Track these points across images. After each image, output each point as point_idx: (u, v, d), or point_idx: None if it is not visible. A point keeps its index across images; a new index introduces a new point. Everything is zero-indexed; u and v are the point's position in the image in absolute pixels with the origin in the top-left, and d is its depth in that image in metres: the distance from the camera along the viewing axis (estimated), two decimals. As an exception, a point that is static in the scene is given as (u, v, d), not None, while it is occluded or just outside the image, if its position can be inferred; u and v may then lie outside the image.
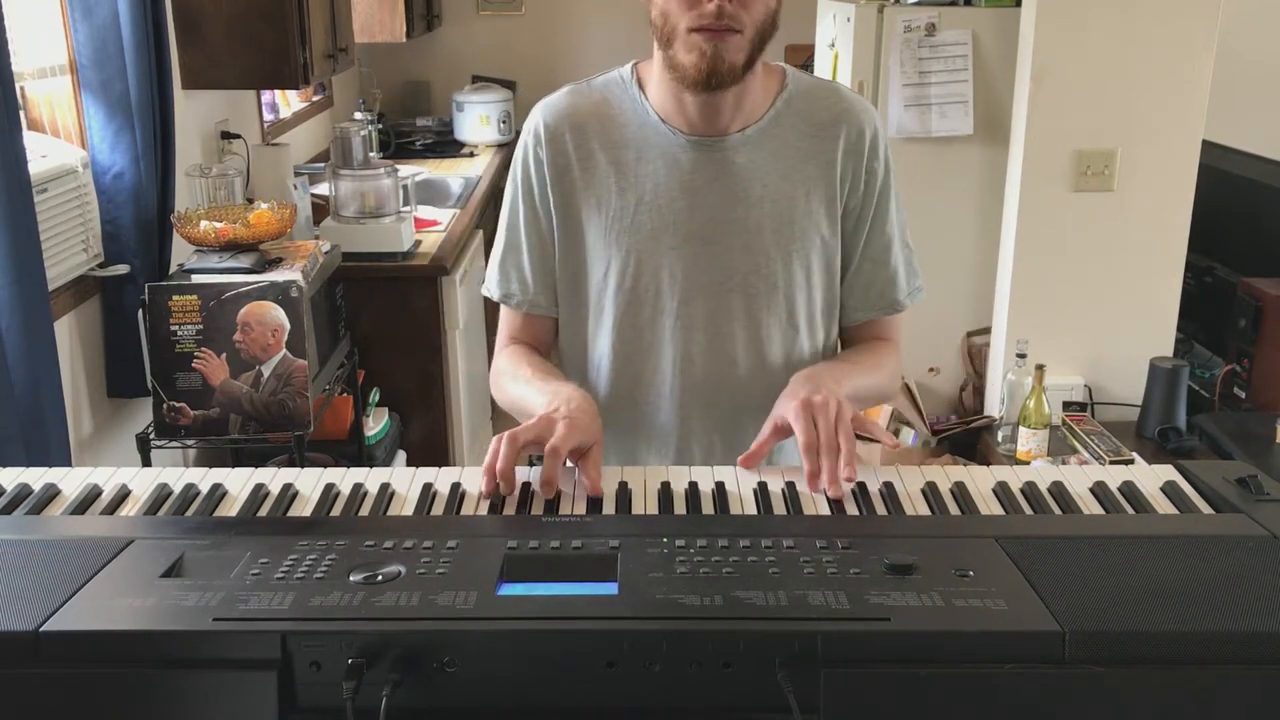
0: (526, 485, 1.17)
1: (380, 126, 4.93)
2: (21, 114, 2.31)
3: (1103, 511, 1.11)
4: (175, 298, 2.48)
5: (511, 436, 1.18)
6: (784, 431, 1.26)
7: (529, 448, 1.20)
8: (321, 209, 3.55)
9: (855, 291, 1.50)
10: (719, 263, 1.41)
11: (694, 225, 1.40)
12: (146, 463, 2.57)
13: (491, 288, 1.52)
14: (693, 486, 1.17)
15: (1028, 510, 1.12)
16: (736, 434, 1.44)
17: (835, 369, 1.39)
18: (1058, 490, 1.15)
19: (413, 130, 5.30)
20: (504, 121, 5.14)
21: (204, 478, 1.18)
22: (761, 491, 1.16)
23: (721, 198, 1.40)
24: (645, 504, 1.15)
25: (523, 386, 1.41)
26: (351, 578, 0.91)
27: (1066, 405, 3.21)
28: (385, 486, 1.16)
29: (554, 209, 1.44)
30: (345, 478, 1.18)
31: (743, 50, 1.31)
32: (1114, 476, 1.18)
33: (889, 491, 1.15)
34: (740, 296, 1.43)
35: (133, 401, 2.78)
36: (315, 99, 4.87)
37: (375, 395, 3.39)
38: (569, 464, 1.21)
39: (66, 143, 2.68)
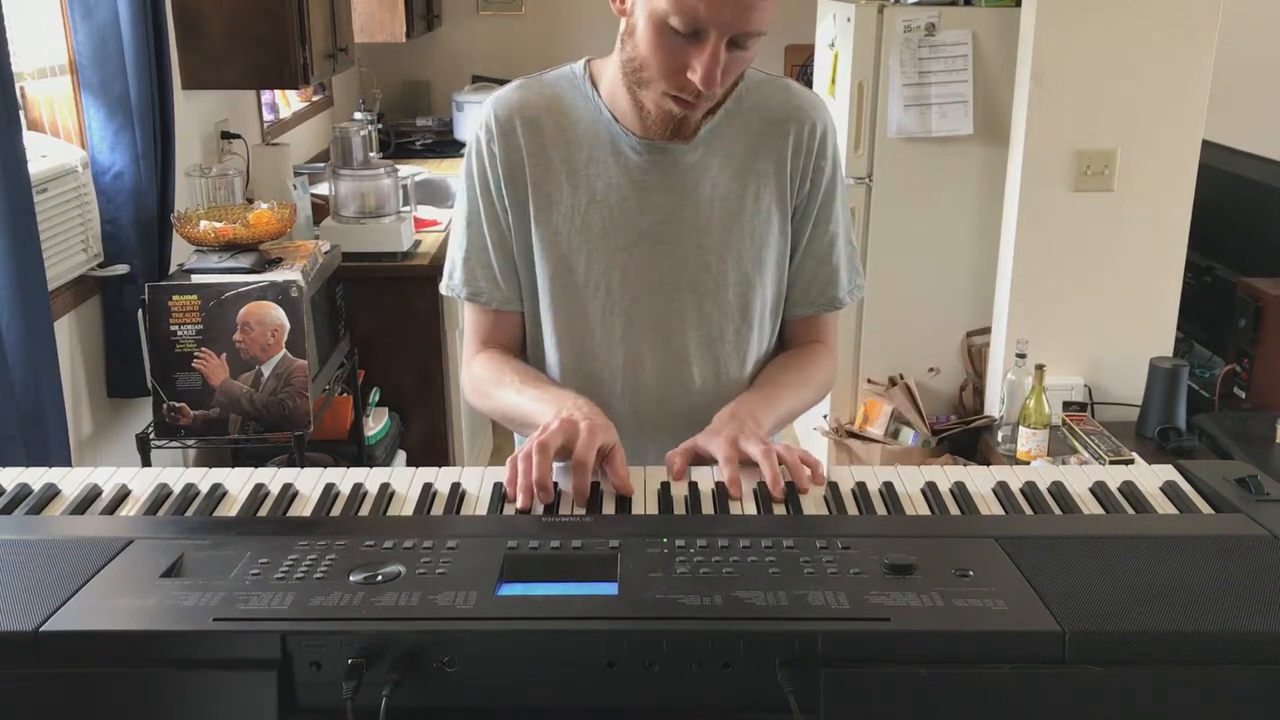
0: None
1: (380, 126, 4.92)
2: (21, 114, 2.31)
3: (1103, 511, 1.11)
4: (175, 298, 2.48)
5: (542, 446, 1.15)
6: (703, 458, 1.26)
7: (559, 455, 1.17)
8: (321, 209, 3.55)
9: (797, 287, 1.49)
10: (669, 262, 1.41)
11: (644, 225, 1.40)
12: (146, 463, 2.57)
13: (457, 287, 1.48)
14: (693, 487, 1.17)
15: (1028, 510, 1.12)
16: (691, 433, 1.36)
17: (759, 401, 1.37)
18: (1058, 490, 1.15)
19: (413, 130, 5.30)
20: (504, 122, 5.14)
21: (204, 478, 1.18)
22: (761, 491, 1.16)
23: (672, 197, 1.40)
24: (645, 504, 1.15)
25: (513, 395, 1.39)
26: (351, 578, 0.91)
27: (1066, 405, 3.21)
28: (385, 486, 1.16)
29: (508, 205, 1.43)
30: (345, 478, 1.18)
31: (708, 107, 1.32)
32: (1114, 476, 1.18)
33: (889, 491, 1.15)
34: (691, 295, 1.42)
35: (133, 401, 2.78)
36: (315, 99, 4.87)
37: (375, 395, 3.39)
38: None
39: (66, 143, 2.68)
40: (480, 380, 1.46)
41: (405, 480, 1.18)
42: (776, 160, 1.42)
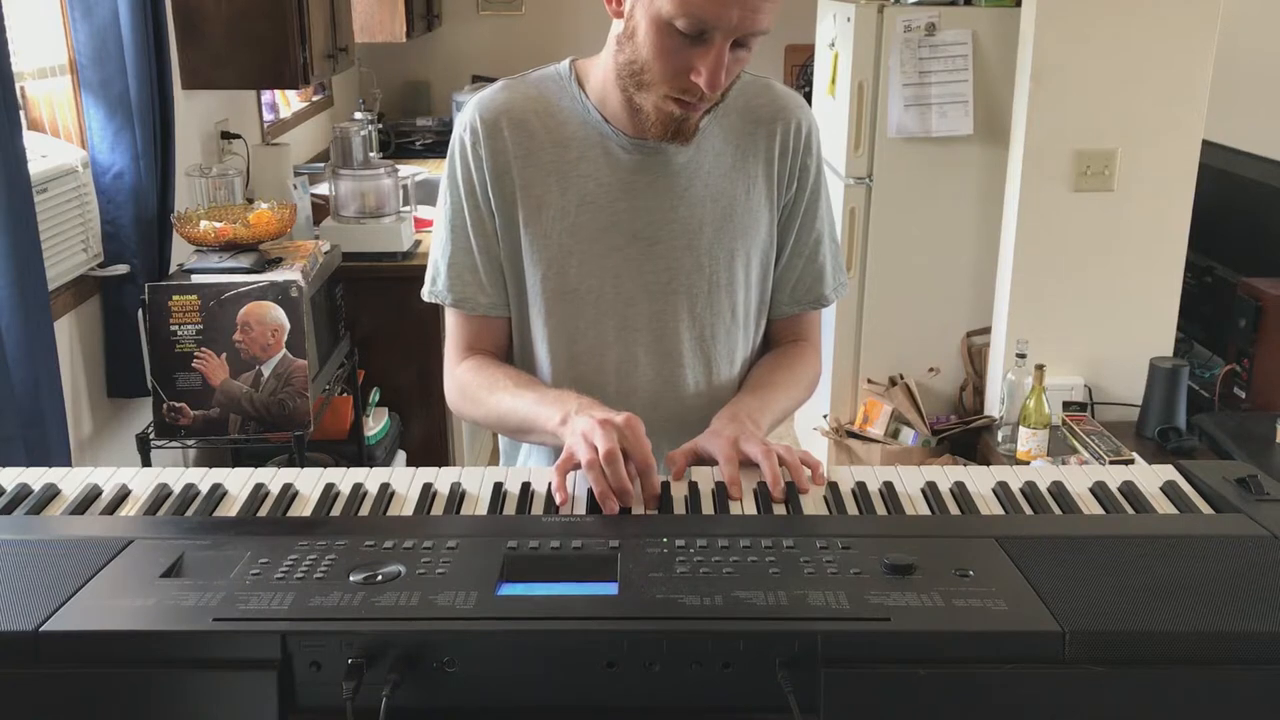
0: (526, 485, 1.17)
1: (380, 126, 4.92)
2: (21, 114, 2.31)
3: (1103, 511, 1.11)
4: (175, 298, 2.48)
5: (610, 455, 1.11)
6: (704, 459, 1.25)
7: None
8: (321, 209, 3.55)
9: (784, 286, 1.49)
10: (663, 263, 1.40)
11: (637, 226, 1.39)
12: (146, 463, 2.57)
13: (441, 293, 1.45)
14: (693, 487, 1.17)
15: (1028, 510, 1.12)
16: (684, 436, 1.32)
17: (756, 403, 1.37)
18: (1058, 490, 1.15)
19: (413, 130, 5.30)
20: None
21: (204, 478, 1.18)
22: (761, 491, 1.16)
23: (663, 198, 1.39)
24: (645, 504, 1.15)
25: (509, 399, 1.36)
26: (351, 578, 0.91)
27: (1066, 405, 3.21)
28: (385, 486, 1.16)
29: (495, 208, 1.40)
30: (345, 478, 1.18)
31: (708, 107, 1.31)
32: (1114, 476, 1.18)
33: (889, 491, 1.15)
34: (685, 297, 1.41)
35: (133, 401, 2.78)
36: (315, 99, 4.87)
37: (375, 395, 3.39)
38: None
39: (66, 143, 2.68)
40: (469, 386, 1.43)
41: (405, 480, 1.18)
42: (765, 160, 1.42)
